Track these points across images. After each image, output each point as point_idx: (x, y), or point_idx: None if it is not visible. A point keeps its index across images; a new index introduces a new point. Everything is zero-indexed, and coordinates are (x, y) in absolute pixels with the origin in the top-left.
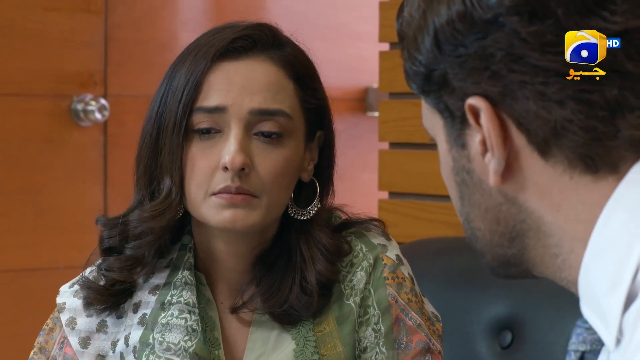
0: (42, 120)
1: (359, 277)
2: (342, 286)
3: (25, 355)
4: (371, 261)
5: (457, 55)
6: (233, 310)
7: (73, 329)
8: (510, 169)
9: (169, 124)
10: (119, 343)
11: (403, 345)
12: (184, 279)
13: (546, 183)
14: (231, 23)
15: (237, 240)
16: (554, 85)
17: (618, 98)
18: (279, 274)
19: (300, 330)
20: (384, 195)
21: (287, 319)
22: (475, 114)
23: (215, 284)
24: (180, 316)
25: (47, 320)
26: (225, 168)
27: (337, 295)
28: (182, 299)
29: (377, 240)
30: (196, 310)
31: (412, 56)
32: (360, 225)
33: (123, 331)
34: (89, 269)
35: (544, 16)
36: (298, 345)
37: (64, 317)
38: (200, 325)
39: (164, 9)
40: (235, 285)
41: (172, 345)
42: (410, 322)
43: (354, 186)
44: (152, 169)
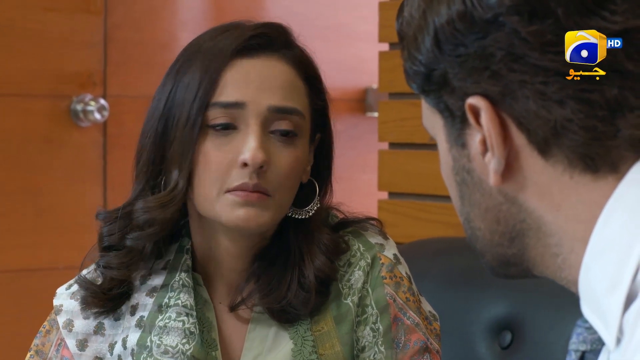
0: (42, 120)
1: (357, 277)
2: (340, 285)
3: (25, 355)
4: (369, 260)
5: (457, 54)
6: (232, 308)
7: (70, 331)
8: (510, 169)
9: (181, 118)
10: (116, 345)
11: (401, 345)
12: (181, 281)
13: (546, 183)
14: (237, 22)
15: (241, 239)
16: (554, 85)
17: (618, 97)
18: (278, 271)
19: (298, 330)
20: (384, 196)
21: (285, 316)
22: (476, 114)
23: (212, 284)
24: (178, 319)
25: (44, 323)
26: (244, 165)
27: (335, 295)
28: (180, 302)
29: (375, 239)
30: (194, 313)
31: (412, 56)
32: (358, 225)
33: (121, 333)
34: (86, 270)
35: (544, 16)
36: (296, 345)
37: (61, 319)
38: (198, 327)
39: (163, 10)
40: (234, 284)
41: (170, 348)
42: (409, 322)
43: (353, 186)
44: (156, 163)
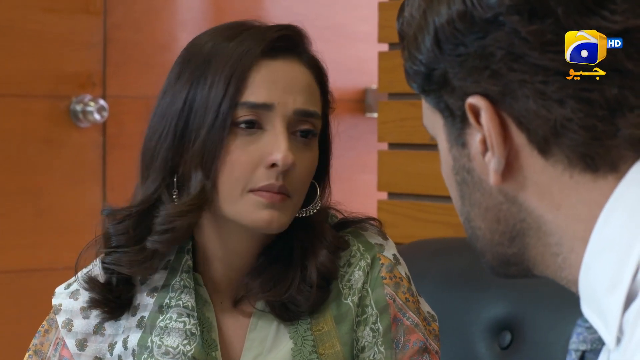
0: (41, 121)
1: (357, 277)
2: (340, 285)
3: (24, 356)
4: (369, 261)
5: (457, 54)
6: (235, 303)
7: (70, 330)
8: (510, 168)
9: (206, 118)
10: (116, 346)
11: (401, 345)
12: (182, 282)
13: (546, 182)
14: (247, 22)
15: (252, 239)
16: (554, 84)
17: (618, 97)
18: (281, 266)
19: (298, 329)
20: (383, 196)
21: (286, 313)
22: (476, 113)
23: (213, 283)
24: (179, 320)
25: (43, 322)
26: (272, 165)
27: (335, 294)
28: (181, 302)
29: (374, 239)
30: (195, 314)
31: (413, 56)
32: (357, 225)
33: (121, 334)
34: (85, 269)
35: (544, 15)
36: (296, 345)
37: (60, 319)
38: (199, 328)
39: (163, 10)
40: (237, 282)
41: (171, 349)
42: (408, 322)
43: (353, 187)
44: (174, 162)
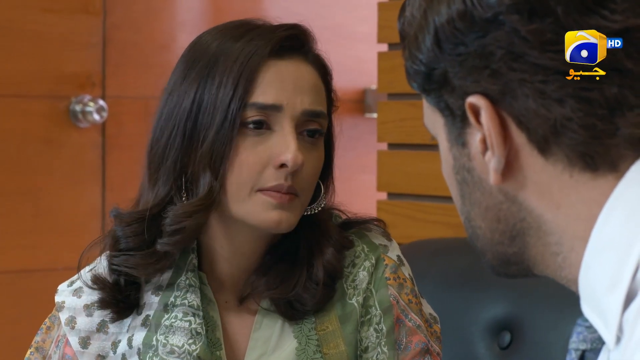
0: (41, 121)
1: (362, 277)
2: (345, 285)
3: (24, 356)
4: (373, 261)
5: (458, 53)
6: (240, 300)
7: (73, 328)
8: (510, 168)
9: (215, 118)
10: (120, 344)
11: (403, 346)
12: (187, 281)
13: (546, 181)
14: (252, 21)
15: (260, 238)
16: (554, 84)
17: (617, 96)
18: (288, 264)
19: (302, 329)
20: (383, 196)
21: (291, 312)
22: (476, 113)
23: (218, 282)
24: (185, 319)
25: (45, 319)
26: (281, 166)
27: (340, 294)
28: (187, 302)
29: (379, 240)
30: (200, 313)
31: (413, 55)
32: (361, 226)
33: (126, 332)
34: (89, 267)
35: (543, 14)
36: (300, 344)
37: (64, 316)
38: (204, 328)
39: (162, 11)
40: (242, 280)
41: (176, 348)
42: (410, 323)
43: (352, 187)
44: (183, 164)
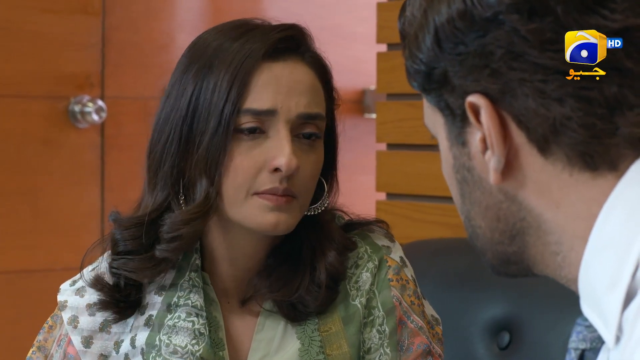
0: (40, 121)
1: (365, 279)
2: (348, 287)
3: (24, 357)
4: (376, 262)
5: (458, 53)
6: (243, 302)
7: (75, 327)
8: (510, 167)
9: (210, 123)
10: (123, 344)
11: (404, 348)
12: (191, 281)
13: (546, 180)
14: (250, 21)
15: (260, 240)
16: (554, 83)
17: (617, 96)
18: (290, 266)
19: (305, 330)
20: (382, 197)
21: (294, 313)
22: (476, 112)
23: (221, 283)
24: (188, 319)
25: (48, 319)
26: (275, 170)
27: (343, 296)
28: (190, 302)
29: (382, 241)
30: (203, 314)
31: (413, 54)
32: (364, 227)
33: (129, 332)
34: (90, 266)
35: (543, 14)
36: (303, 345)
37: (66, 316)
38: (207, 328)
39: (161, 11)
40: (245, 282)
41: (179, 348)
42: (412, 325)
43: (351, 187)
44: (180, 168)
